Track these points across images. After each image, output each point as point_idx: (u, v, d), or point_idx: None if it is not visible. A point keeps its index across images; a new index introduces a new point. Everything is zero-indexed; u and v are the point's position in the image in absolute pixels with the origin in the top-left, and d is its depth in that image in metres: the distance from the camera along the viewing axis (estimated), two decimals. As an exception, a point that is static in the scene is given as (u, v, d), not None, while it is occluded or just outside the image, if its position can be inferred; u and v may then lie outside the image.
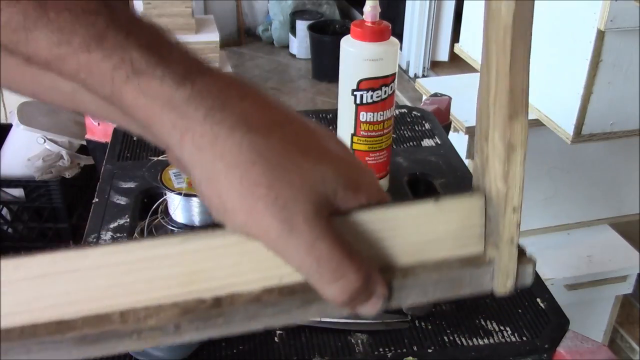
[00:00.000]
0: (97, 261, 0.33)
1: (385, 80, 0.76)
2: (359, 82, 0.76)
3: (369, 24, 0.75)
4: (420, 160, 0.94)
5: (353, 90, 0.77)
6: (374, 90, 0.76)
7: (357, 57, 0.76)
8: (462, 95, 1.36)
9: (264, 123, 0.31)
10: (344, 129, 0.80)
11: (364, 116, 0.78)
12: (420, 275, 0.36)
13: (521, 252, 0.37)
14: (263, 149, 0.30)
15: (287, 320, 0.35)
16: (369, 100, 0.77)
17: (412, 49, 3.21)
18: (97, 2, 0.29)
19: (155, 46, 0.29)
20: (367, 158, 0.81)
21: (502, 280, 0.37)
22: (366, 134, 0.79)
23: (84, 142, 2.00)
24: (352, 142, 0.80)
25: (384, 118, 0.79)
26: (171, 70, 0.29)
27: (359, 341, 0.65)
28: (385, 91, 0.77)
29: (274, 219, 0.30)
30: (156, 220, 0.78)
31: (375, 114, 0.78)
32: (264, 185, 0.30)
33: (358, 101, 0.77)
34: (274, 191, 0.30)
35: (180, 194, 0.74)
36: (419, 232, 0.36)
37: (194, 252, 0.33)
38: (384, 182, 0.85)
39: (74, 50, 0.28)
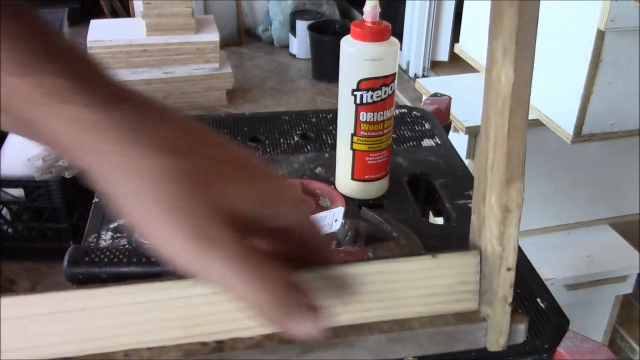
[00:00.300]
0: (105, 301, 0.34)
1: (385, 80, 0.76)
2: (359, 82, 0.76)
3: (369, 24, 0.75)
4: (420, 160, 0.94)
5: (353, 90, 0.77)
6: (374, 90, 0.76)
7: (357, 57, 0.76)
8: (462, 95, 1.36)
9: (180, 145, 0.33)
10: (344, 129, 0.80)
11: (364, 116, 0.78)
12: (416, 328, 0.37)
13: (514, 310, 0.38)
14: (178, 169, 0.32)
15: None
16: (369, 100, 0.77)
17: (412, 49, 3.21)
18: (31, 29, 0.31)
19: (81, 74, 0.31)
20: (367, 158, 0.81)
21: (495, 338, 0.38)
22: (366, 134, 0.79)
23: (84, 142, 2.00)
24: (352, 142, 0.80)
25: (384, 118, 0.79)
26: (93, 97, 0.31)
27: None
28: (385, 91, 0.77)
29: (190, 230, 0.31)
30: (156, 220, 0.78)
31: (375, 114, 0.78)
32: (180, 200, 0.31)
33: (358, 101, 0.77)
34: (188, 207, 0.31)
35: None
36: (416, 286, 0.37)
37: (199, 296, 0.35)
38: (383, 182, 0.85)
39: (3, 74, 0.30)
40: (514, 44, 0.32)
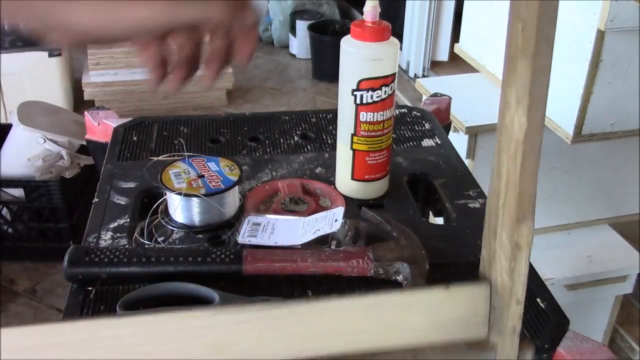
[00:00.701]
0: (136, 329, 0.36)
1: (385, 80, 0.76)
2: (359, 82, 0.76)
3: (369, 24, 0.75)
4: (420, 160, 0.94)
5: (353, 90, 0.77)
6: (374, 90, 0.76)
7: (357, 57, 0.76)
8: (462, 95, 1.36)
9: None
10: (344, 129, 0.80)
11: (364, 116, 0.78)
12: (429, 356, 0.39)
13: (521, 339, 0.40)
14: None
15: None
16: (369, 100, 0.77)
17: (412, 49, 3.21)
18: None
19: None
20: (367, 158, 0.81)
21: None
22: (366, 134, 0.79)
23: (84, 142, 2.00)
24: (352, 142, 0.80)
25: (384, 118, 0.79)
26: None
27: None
28: (385, 91, 0.77)
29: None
30: (156, 220, 0.78)
31: (375, 114, 0.78)
32: None
33: (358, 101, 0.77)
34: None
35: (180, 194, 0.74)
36: (429, 315, 0.39)
37: (223, 324, 0.36)
38: (383, 182, 0.85)
39: None
40: (527, 94, 0.33)
